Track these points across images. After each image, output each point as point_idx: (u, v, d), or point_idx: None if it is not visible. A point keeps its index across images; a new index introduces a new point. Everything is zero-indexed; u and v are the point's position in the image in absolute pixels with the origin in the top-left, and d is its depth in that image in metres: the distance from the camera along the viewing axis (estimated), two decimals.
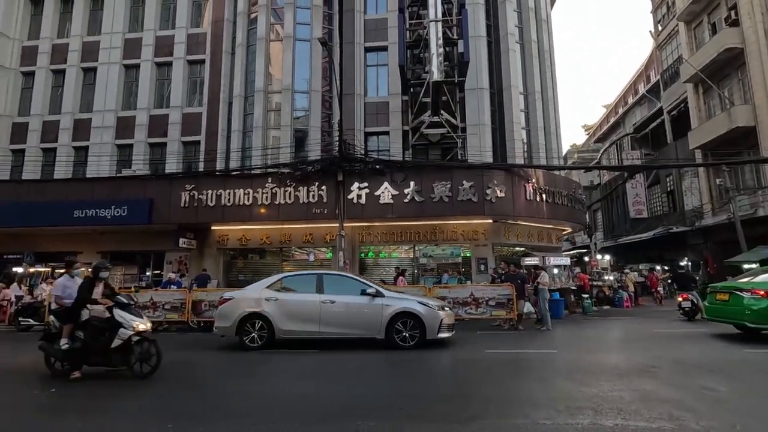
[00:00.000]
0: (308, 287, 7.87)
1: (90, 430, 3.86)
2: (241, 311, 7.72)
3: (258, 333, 7.65)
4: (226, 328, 7.83)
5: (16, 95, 18.47)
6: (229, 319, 7.78)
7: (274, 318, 7.60)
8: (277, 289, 7.95)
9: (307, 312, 7.61)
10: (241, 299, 7.96)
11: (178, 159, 16.92)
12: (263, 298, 7.75)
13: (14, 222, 14.99)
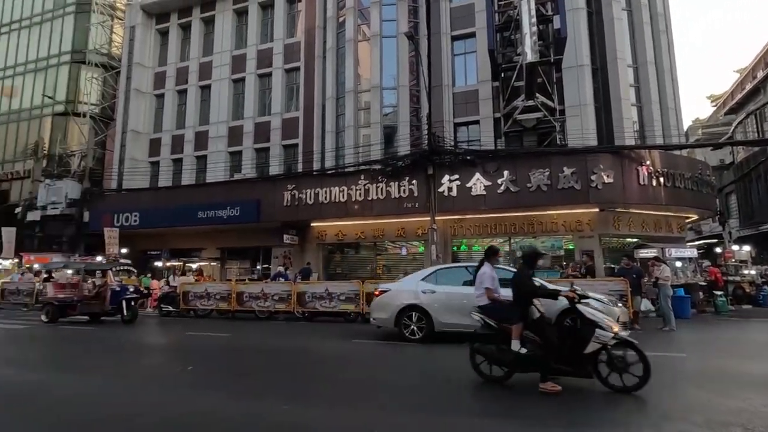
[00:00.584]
0: (464, 280, 7.55)
1: None
2: (399, 303, 7.71)
3: (417, 325, 7.60)
4: (384, 319, 7.87)
5: (151, 115, 21.61)
6: (387, 310, 7.83)
7: (433, 310, 7.50)
8: (432, 281, 7.83)
9: (468, 305, 7.11)
10: (398, 291, 7.99)
11: (279, 161, 18.33)
12: (420, 291, 7.68)
13: (154, 223, 17.62)
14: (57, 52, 24.02)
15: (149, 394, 4.71)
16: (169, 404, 4.33)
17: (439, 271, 8.09)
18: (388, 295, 8.03)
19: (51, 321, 11.22)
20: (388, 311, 7.82)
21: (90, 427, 3.70)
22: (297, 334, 9.36)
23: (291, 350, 7.55)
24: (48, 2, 25.02)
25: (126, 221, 17.72)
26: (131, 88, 21.20)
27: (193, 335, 9.21)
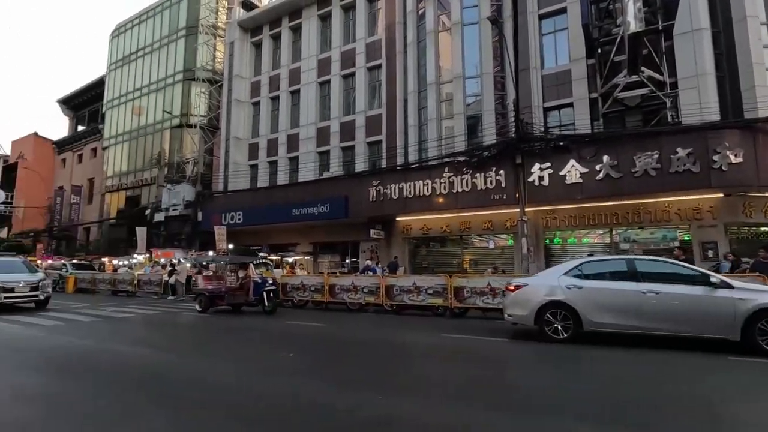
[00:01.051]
0: (618, 274, 6.93)
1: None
2: (539, 299, 7.13)
3: (562, 324, 6.95)
4: (522, 316, 7.32)
5: (249, 122, 23.61)
6: (525, 307, 7.26)
7: (582, 308, 6.80)
8: (577, 275, 7.15)
9: (624, 303, 6.61)
10: (537, 286, 7.41)
11: (364, 158, 18.84)
12: (563, 286, 7.04)
13: (255, 221, 19.27)
14: (173, 72, 27.36)
15: (257, 380, 5.15)
16: (272, 391, 4.69)
17: (585, 265, 7.36)
18: (525, 290, 7.43)
19: (203, 310, 12.15)
20: (526, 308, 7.25)
21: (205, 409, 4.14)
22: (386, 326, 9.56)
23: (382, 342, 7.73)
24: (164, 30, 28.59)
25: (231, 220, 19.64)
26: (232, 98, 23.36)
27: (291, 324, 9.89)
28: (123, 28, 32.01)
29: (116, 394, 4.46)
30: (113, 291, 19.21)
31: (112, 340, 7.90)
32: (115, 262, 24.14)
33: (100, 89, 33.82)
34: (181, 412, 3.84)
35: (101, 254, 27.90)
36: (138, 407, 4.02)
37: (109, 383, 4.92)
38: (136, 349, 6.99)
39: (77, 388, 4.76)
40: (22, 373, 5.42)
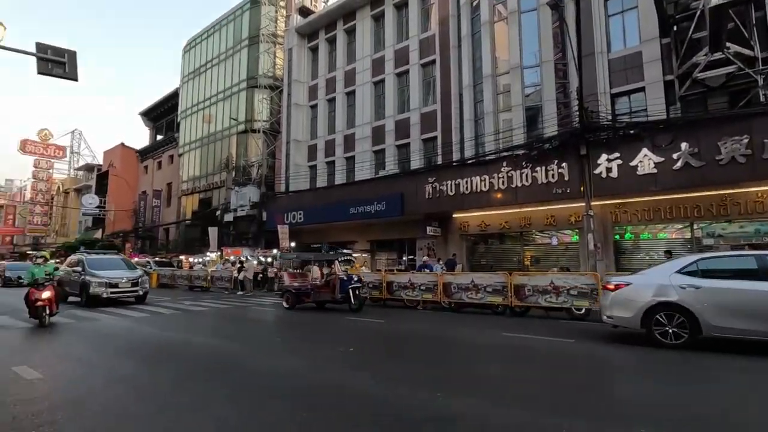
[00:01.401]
0: (745, 272, 6.19)
1: None
2: (647, 300, 6.44)
3: (675, 328, 6.25)
4: (625, 318, 6.64)
5: (307, 125, 24.47)
6: (630, 308, 6.58)
7: (701, 311, 6.07)
8: (691, 273, 6.39)
9: (756, 306, 5.86)
10: (643, 286, 6.67)
11: (420, 156, 18.77)
12: (676, 285, 6.31)
13: (315, 220, 19.96)
14: (237, 81, 29.08)
15: (318, 372, 5.35)
16: (332, 383, 4.84)
17: (701, 261, 6.55)
18: (629, 290, 6.72)
19: (291, 307, 12.22)
20: (631, 309, 6.55)
21: (271, 398, 4.37)
22: (445, 323, 9.49)
23: (441, 339, 7.69)
24: (230, 42, 30.44)
25: (293, 219, 20.50)
26: (291, 102, 24.34)
27: (351, 320, 10.14)
28: (193, 42, 34.53)
29: (193, 380, 4.86)
30: (190, 286, 20.86)
31: (189, 332, 8.60)
32: (191, 259, 26.15)
33: (175, 101, 36.79)
34: (251, 399, 4.10)
35: (179, 252, 30.39)
36: (214, 392, 4.35)
37: (188, 371, 5.37)
38: (210, 340, 7.56)
39: (160, 374, 5.25)
40: (115, 359, 6.07)
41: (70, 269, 14.35)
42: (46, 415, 3.65)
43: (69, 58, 9.81)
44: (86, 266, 13.54)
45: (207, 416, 3.66)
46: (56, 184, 50.87)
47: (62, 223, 51.30)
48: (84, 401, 4.08)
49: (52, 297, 8.96)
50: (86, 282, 12.99)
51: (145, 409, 3.89)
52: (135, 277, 13.68)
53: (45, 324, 8.65)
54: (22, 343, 7.20)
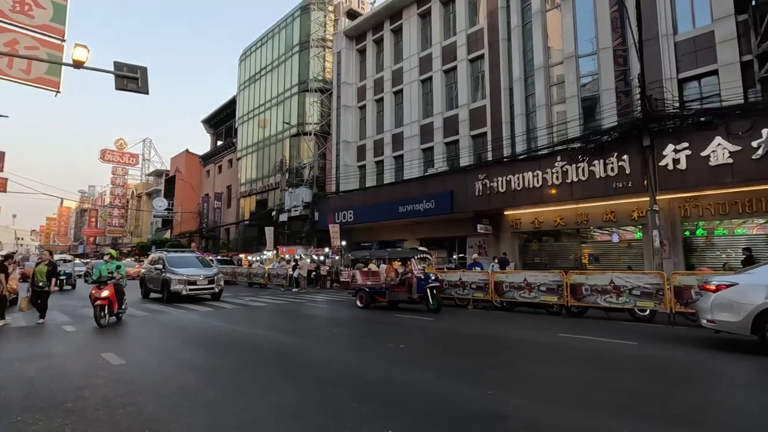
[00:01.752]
0: None
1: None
2: (759, 303, 5.70)
3: None
4: (732, 323, 5.96)
5: (356, 125, 24.93)
6: (737, 312, 5.87)
7: None
8: None
9: None
10: (753, 286, 5.90)
11: (469, 152, 18.50)
12: None
13: (364, 219, 20.31)
14: (290, 86, 30.22)
15: (372, 366, 5.50)
16: (384, 376, 4.96)
17: None
18: (735, 290, 6.01)
19: (365, 306, 11.98)
20: (738, 313, 5.84)
21: (328, 387, 4.56)
22: (496, 322, 9.33)
23: (493, 337, 7.59)
24: (281, 49, 31.70)
25: (344, 218, 20.98)
26: (340, 104, 24.90)
27: (400, 317, 10.25)
28: (249, 51, 36.30)
29: (256, 369, 5.19)
30: (249, 283, 22.04)
31: (250, 325, 9.13)
32: (250, 257, 27.59)
33: (233, 108, 38.90)
34: (309, 388, 4.32)
35: (239, 251, 32.16)
36: (275, 381, 4.64)
37: (250, 360, 5.74)
38: (269, 333, 7.99)
39: (226, 363, 5.65)
40: (185, 348, 6.61)
41: (152, 266, 14.91)
42: (130, 396, 4.08)
43: (141, 73, 10.73)
44: (166, 264, 13.95)
45: (270, 402, 3.91)
46: (131, 189, 55.64)
47: (136, 225, 56.03)
48: (160, 385, 4.51)
49: (111, 296, 8.66)
50: (167, 279, 13.40)
51: (214, 394, 4.22)
52: (211, 275, 13.99)
53: (102, 325, 8.37)
54: (108, 333, 8.02)
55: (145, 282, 15.38)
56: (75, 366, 5.36)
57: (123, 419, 3.47)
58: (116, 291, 8.90)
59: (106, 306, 8.57)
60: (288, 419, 3.50)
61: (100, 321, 8.41)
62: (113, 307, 8.79)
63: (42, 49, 14.29)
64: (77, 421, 3.42)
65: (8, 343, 7.01)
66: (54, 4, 14.59)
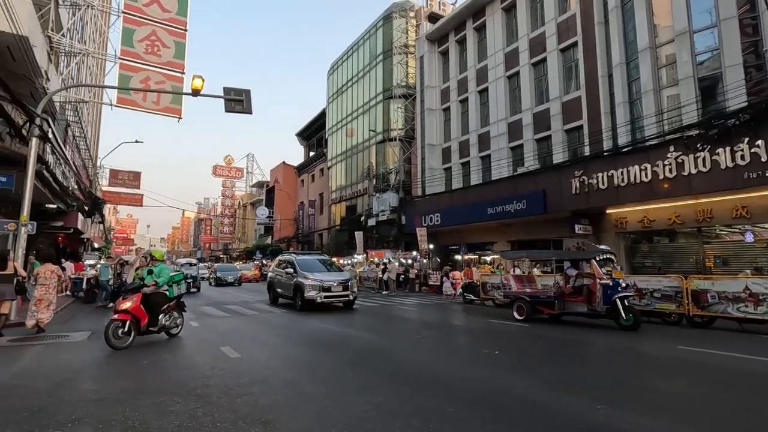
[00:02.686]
0: None
1: None
2: None
3: None
4: None
5: (440, 128, 24.82)
6: None
7: None
8: None
9: None
10: None
11: (563, 148, 17.33)
12: None
13: (452, 221, 20.08)
14: (374, 94, 31.21)
15: (470, 372, 5.42)
16: (484, 383, 4.86)
17: None
18: None
19: (524, 319, 10.06)
20: None
21: (425, 389, 4.60)
22: (602, 329, 8.57)
23: (598, 346, 7.00)
24: (366, 59, 32.89)
25: (430, 221, 20.97)
26: (424, 108, 25.01)
27: (493, 322, 9.92)
28: (336, 65, 38.26)
29: (355, 368, 5.44)
30: None
31: (345, 325, 9.56)
32: (342, 261, 28.87)
33: (323, 120, 41.26)
34: (405, 389, 4.41)
35: (332, 255, 33.88)
36: (372, 381, 4.82)
37: (348, 359, 6.03)
38: (364, 333, 8.29)
39: (326, 360, 6.00)
40: (289, 346, 7.15)
41: (281, 270, 13.80)
42: (246, 387, 4.55)
43: (245, 96, 11.92)
44: (297, 267, 12.67)
45: (369, 401, 4.06)
46: (237, 199, 61.92)
47: (243, 232, 62.09)
48: (271, 378, 4.94)
49: (136, 309, 6.84)
50: (299, 285, 12.15)
51: (317, 388, 4.51)
52: (345, 280, 12.44)
53: (116, 346, 6.48)
54: (224, 329, 9.00)
55: (273, 286, 14.29)
56: (200, 357, 6.12)
57: (242, 407, 3.88)
58: (148, 303, 7.03)
59: (128, 322, 6.70)
60: (388, 417, 3.61)
61: (111, 340, 6.49)
62: (141, 323, 6.91)
63: (167, 82, 16.68)
64: (205, 406, 3.91)
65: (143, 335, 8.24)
66: (176, 42, 16.94)
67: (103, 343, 6.51)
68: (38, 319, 8.24)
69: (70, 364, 5.69)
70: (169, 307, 7.49)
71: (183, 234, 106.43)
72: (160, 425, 3.45)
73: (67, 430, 3.37)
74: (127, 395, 4.25)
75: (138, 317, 6.86)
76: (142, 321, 6.92)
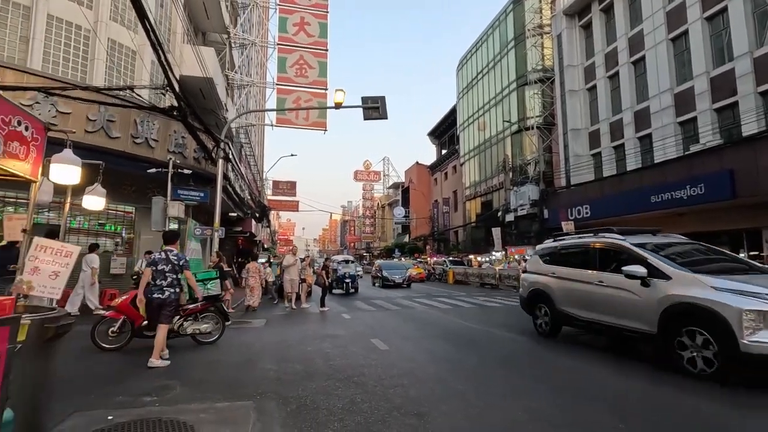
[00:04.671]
0: None
1: None
2: None
3: None
4: None
5: (585, 110, 22.30)
6: None
7: None
8: None
9: None
10: None
11: (757, 116, 13.87)
12: None
13: (604, 213, 17.87)
14: (507, 84, 29.71)
15: (623, 380, 4.76)
16: (656, 400, 4.19)
17: None
18: None
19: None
20: None
21: (581, 396, 4.17)
22: None
23: None
24: (496, 48, 31.57)
25: (578, 214, 19.01)
26: (565, 90, 22.80)
27: None
28: (464, 59, 37.68)
29: (501, 368, 5.24)
30: (481, 283, 22.58)
31: (487, 324, 9.31)
32: (479, 258, 28.30)
33: (454, 117, 41.05)
34: (562, 396, 4.07)
35: (468, 252, 33.46)
36: (523, 383, 4.58)
37: (493, 357, 5.85)
38: (509, 333, 7.95)
39: (470, 358, 5.92)
40: (433, 341, 7.27)
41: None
42: (396, 378, 4.78)
43: (381, 102, 12.58)
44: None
45: (522, 405, 3.86)
46: (376, 201, 65.91)
47: (382, 231, 65.82)
48: (417, 371, 5.10)
49: (125, 307, 6.07)
50: None
51: (464, 386, 4.48)
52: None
53: (102, 347, 5.93)
54: (372, 321, 9.64)
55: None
56: (354, 347, 6.66)
57: (395, 398, 4.08)
58: (150, 303, 5.53)
59: (119, 321, 6.12)
60: (546, 425, 3.38)
61: (96, 339, 5.97)
62: (135, 324, 6.09)
63: (314, 100, 18.69)
64: (363, 394, 4.22)
65: (307, 324, 9.34)
66: (319, 63, 18.87)
67: (276, 329, 7.61)
68: (251, 303, 11.70)
69: (252, 346, 6.79)
70: (189, 310, 6.55)
71: (331, 234, 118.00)
72: (327, 406, 3.86)
73: (257, 401, 4.02)
74: (299, 377, 4.87)
75: (131, 317, 6.13)
76: (136, 322, 6.11)
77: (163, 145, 11.71)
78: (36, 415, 2.58)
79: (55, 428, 3.21)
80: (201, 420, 3.47)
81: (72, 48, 11.14)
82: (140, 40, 11.75)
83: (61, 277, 3.81)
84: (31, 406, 2.49)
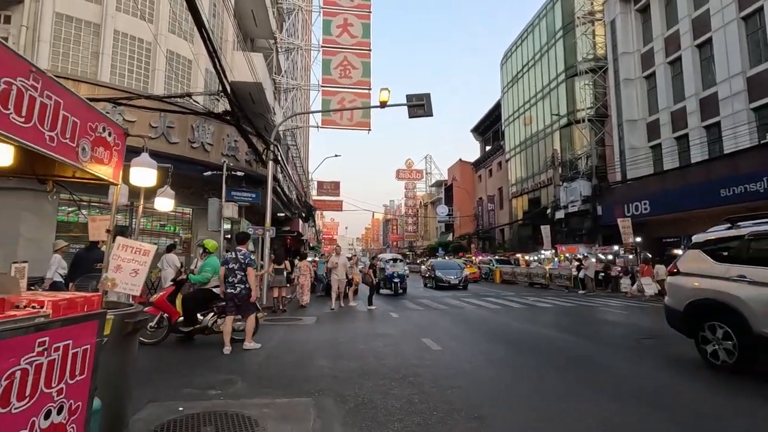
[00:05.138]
0: None
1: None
2: None
3: None
4: None
5: (643, 99, 20.94)
6: None
7: None
8: None
9: None
10: None
11: None
12: None
13: (666, 209, 16.73)
14: (554, 76, 28.48)
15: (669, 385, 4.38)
16: (697, 403, 3.82)
17: None
18: None
19: None
20: None
21: (634, 399, 3.88)
22: None
23: None
24: (543, 39, 30.35)
25: (636, 210, 17.92)
26: (620, 80, 21.53)
27: None
28: (509, 53, 36.57)
29: (560, 373, 5.00)
30: (529, 283, 21.84)
31: (539, 325, 8.97)
32: (527, 257, 27.37)
33: (498, 112, 39.96)
34: (627, 405, 3.81)
35: (515, 251, 32.48)
36: (585, 389, 4.34)
37: (551, 361, 5.60)
38: (563, 335, 7.61)
39: (526, 360, 5.70)
40: (485, 341, 7.09)
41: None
42: (452, 379, 4.68)
43: (426, 100, 12.43)
44: None
45: (588, 412, 3.65)
46: (419, 199, 65.58)
47: (425, 230, 65.39)
48: (474, 373, 4.97)
49: (161, 302, 6.43)
50: None
51: (523, 389, 4.32)
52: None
53: (142, 342, 5.67)
54: (422, 320, 9.56)
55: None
56: (406, 347, 6.61)
57: (453, 399, 3.99)
58: (184, 299, 6.58)
59: (156, 317, 6.44)
60: None
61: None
62: (172, 319, 6.47)
63: (358, 100, 18.85)
64: (420, 394, 4.17)
65: (356, 323, 9.40)
66: (362, 63, 19.00)
67: (327, 327, 7.71)
68: (303, 300, 12.14)
69: (306, 343, 6.92)
70: (219, 306, 6.54)
71: (374, 233, 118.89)
72: (385, 406, 3.84)
73: (315, 398, 4.07)
74: (355, 375, 4.89)
75: (167, 312, 6.48)
76: (172, 317, 6.47)
77: (217, 149, 12.25)
78: (119, 405, 2.75)
79: (134, 416, 3.40)
80: (264, 415, 3.56)
81: (135, 60, 11.90)
82: (196, 50, 12.35)
83: (140, 275, 4.07)
84: (115, 396, 2.66)
